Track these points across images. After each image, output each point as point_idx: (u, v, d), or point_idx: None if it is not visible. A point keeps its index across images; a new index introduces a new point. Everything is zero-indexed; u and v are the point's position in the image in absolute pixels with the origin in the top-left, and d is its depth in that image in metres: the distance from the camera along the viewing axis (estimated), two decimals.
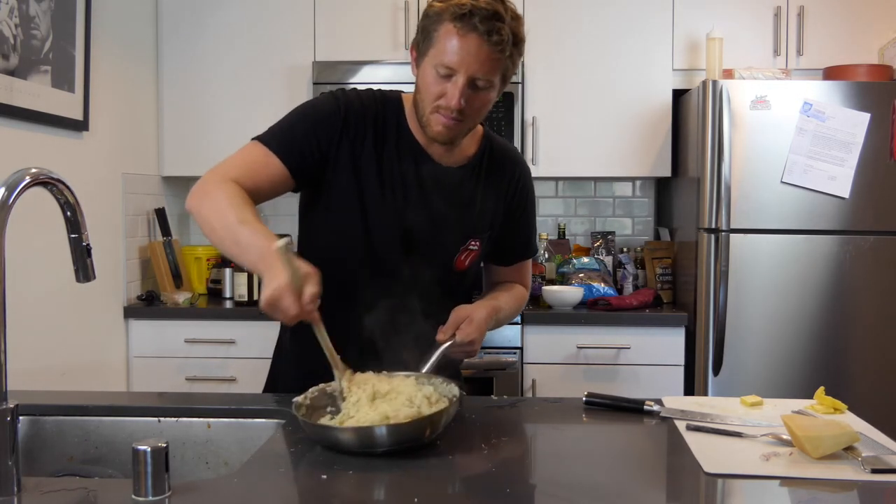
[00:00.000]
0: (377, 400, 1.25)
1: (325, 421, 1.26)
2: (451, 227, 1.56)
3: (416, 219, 1.52)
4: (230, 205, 1.35)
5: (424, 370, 1.39)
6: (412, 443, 1.17)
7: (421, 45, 1.45)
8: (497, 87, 1.45)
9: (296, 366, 1.62)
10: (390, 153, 1.51)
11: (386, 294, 1.48)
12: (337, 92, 1.55)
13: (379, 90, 1.59)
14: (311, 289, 1.21)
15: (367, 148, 1.50)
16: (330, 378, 1.33)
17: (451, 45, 1.37)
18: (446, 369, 1.43)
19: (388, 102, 1.55)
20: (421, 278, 1.52)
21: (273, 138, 1.48)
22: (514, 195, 1.65)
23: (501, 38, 1.36)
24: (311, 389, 1.32)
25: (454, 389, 1.30)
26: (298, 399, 1.28)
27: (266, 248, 1.25)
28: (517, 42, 1.41)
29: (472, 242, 1.59)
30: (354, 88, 1.57)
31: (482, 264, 1.73)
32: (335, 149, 1.49)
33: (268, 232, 1.31)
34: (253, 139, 1.50)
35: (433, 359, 1.42)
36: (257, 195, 1.45)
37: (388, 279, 1.50)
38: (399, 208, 1.51)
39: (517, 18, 1.42)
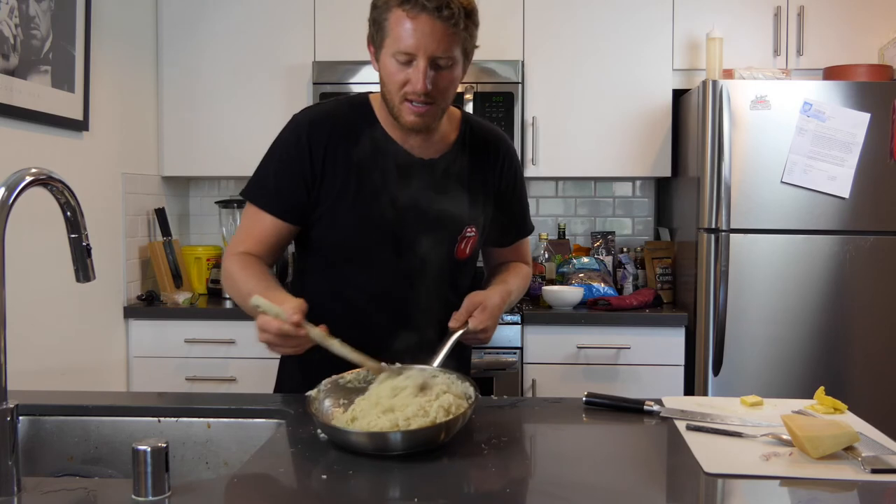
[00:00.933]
0: (384, 401, 1.24)
1: (338, 415, 1.27)
2: (446, 218, 1.54)
3: (409, 217, 1.51)
4: (240, 280, 1.46)
5: (438, 359, 1.38)
6: (426, 447, 1.17)
7: (375, 38, 1.43)
8: (460, 63, 1.43)
9: (299, 371, 1.62)
10: (367, 158, 1.50)
11: (394, 296, 1.48)
12: (298, 116, 1.55)
13: (345, 96, 1.59)
14: (291, 304, 1.27)
15: (343, 160, 1.49)
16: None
17: (405, 30, 1.36)
18: (457, 366, 1.42)
19: (355, 107, 1.54)
20: (425, 275, 1.52)
21: (256, 194, 1.54)
22: (501, 175, 1.63)
23: (452, 11, 1.35)
24: (323, 382, 1.33)
25: (469, 389, 1.29)
26: (312, 393, 1.28)
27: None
28: (469, 13, 1.40)
29: (469, 229, 1.58)
30: (318, 103, 1.60)
31: (480, 249, 1.71)
32: (310, 176, 1.49)
33: (275, 292, 1.38)
34: (241, 194, 1.56)
35: (447, 347, 1.41)
36: (272, 252, 1.55)
37: (393, 281, 1.50)
38: (388, 211, 1.50)
39: None
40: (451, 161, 1.56)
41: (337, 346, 1.29)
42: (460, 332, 1.44)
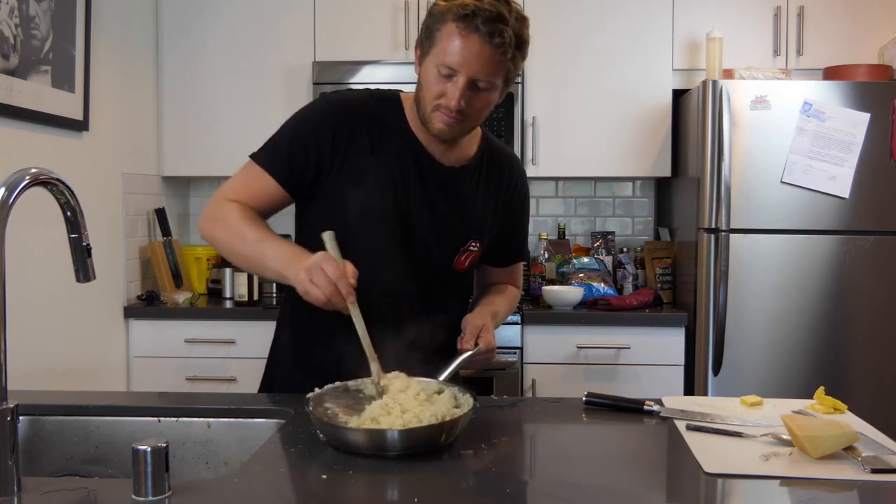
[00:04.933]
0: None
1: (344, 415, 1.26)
2: (453, 227, 1.55)
3: (419, 219, 1.52)
4: (243, 225, 1.43)
5: (443, 378, 1.39)
6: (426, 448, 1.16)
7: (424, 44, 1.44)
8: (499, 89, 1.44)
9: (294, 366, 1.62)
10: (389, 154, 1.50)
11: (389, 294, 1.48)
12: (329, 95, 1.55)
13: (376, 89, 1.58)
14: (352, 267, 1.29)
15: (364, 150, 1.49)
16: (331, 378, 1.34)
17: (453, 45, 1.37)
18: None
19: (385, 102, 1.54)
20: (423, 278, 1.53)
21: (264, 154, 1.51)
22: (512, 197, 1.65)
23: (503, 40, 1.35)
24: (326, 387, 1.32)
25: (469, 399, 1.29)
26: (311, 395, 1.28)
27: (292, 252, 1.35)
28: (520, 44, 1.40)
29: (473, 244, 1.59)
30: (349, 89, 1.57)
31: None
32: (329, 155, 1.48)
33: (290, 243, 1.41)
34: (250, 156, 1.52)
35: (453, 366, 1.42)
36: (260, 213, 1.51)
37: (391, 279, 1.50)
38: (402, 209, 1.50)
39: (522, 20, 1.41)
40: (470, 174, 1.57)
41: (361, 320, 1.29)
42: (470, 352, 1.46)
